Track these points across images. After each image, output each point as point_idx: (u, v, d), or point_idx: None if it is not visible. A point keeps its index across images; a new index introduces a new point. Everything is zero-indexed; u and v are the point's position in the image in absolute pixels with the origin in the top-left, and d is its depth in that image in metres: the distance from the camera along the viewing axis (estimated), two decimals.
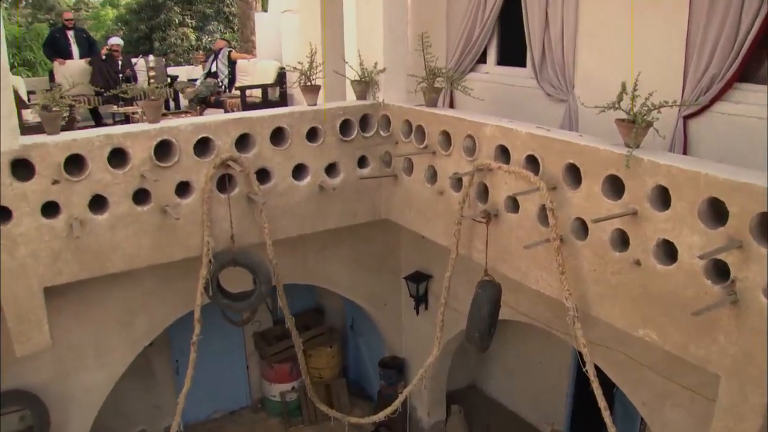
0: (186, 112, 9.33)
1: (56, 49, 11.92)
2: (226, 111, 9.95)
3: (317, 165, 5.70)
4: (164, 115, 8.89)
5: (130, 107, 10.59)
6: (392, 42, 5.89)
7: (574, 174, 4.15)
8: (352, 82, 6.01)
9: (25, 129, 6.32)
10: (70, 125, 8.68)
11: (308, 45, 6.00)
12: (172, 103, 11.98)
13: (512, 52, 6.73)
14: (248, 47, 14.73)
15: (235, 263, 5.44)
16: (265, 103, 9.57)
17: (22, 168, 4.59)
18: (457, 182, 5.09)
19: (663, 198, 3.64)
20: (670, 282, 3.65)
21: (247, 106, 9.54)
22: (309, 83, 5.76)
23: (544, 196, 4.18)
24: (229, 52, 11.29)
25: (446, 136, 5.20)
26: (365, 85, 5.95)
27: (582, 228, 4.16)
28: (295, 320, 6.25)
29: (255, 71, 10.60)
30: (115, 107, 10.31)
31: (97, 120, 11.63)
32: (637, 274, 3.82)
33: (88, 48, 12.04)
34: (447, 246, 5.30)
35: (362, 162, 5.96)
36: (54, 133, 4.78)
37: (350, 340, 9.14)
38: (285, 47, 10.41)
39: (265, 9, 14.41)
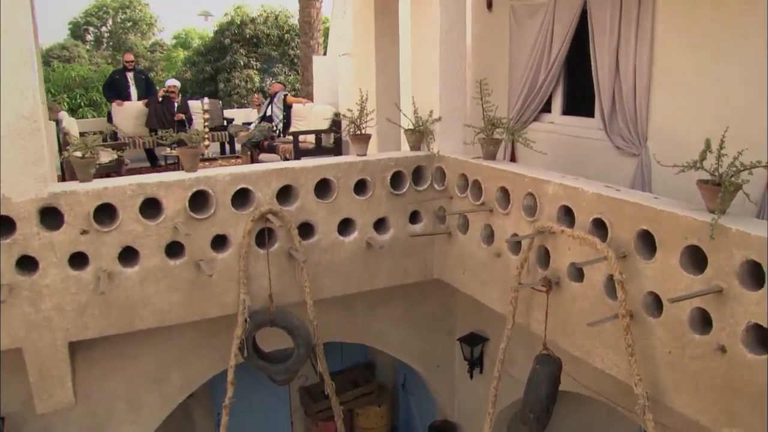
0: (237, 157, 9.17)
1: (115, 90, 12.09)
2: (281, 157, 9.83)
3: (365, 220, 5.41)
4: (211, 160, 8.81)
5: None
6: (449, 89, 5.61)
7: (647, 242, 3.72)
8: (406, 131, 5.74)
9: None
10: (118, 167, 8.66)
11: (361, 90, 5.77)
12: (227, 147, 11.98)
13: (579, 101, 6.38)
14: (309, 91, 14.71)
15: (273, 324, 5.15)
16: (319, 149, 9.38)
17: (50, 216, 4.45)
18: (516, 245, 4.71)
19: (755, 275, 3.18)
20: (762, 374, 3.16)
21: (299, 152, 9.36)
22: (359, 132, 5.49)
23: (612, 266, 3.76)
24: (285, 96, 11.20)
25: (505, 193, 4.84)
26: (419, 134, 5.66)
27: (656, 304, 3.71)
28: (344, 376, 5.96)
29: (310, 116, 10.46)
30: (168, 149, 10.28)
31: (153, 161, 11.70)
32: (722, 361, 3.35)
33: (146, 89, 12.17)
34: (503, 313, 4.90)
35: (414, 217, 5.65)
36: (86, 180, 4.62)
37: (401, 400, 8.78)
38: (341, 92, 10.26)
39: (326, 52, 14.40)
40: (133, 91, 12.06)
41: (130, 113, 11.70)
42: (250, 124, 11.53)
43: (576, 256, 4.14)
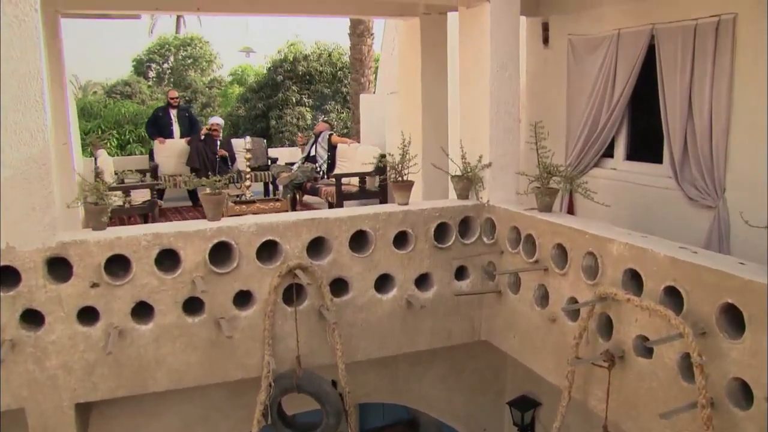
0: (276, 200, 8.87)
1: (158, 127, 12.03)
2: (324, 199, 9.53)
3: (405, 276, 5.00)
4: (249, 203, 8.51)
5: (224, 190, 10.31)
6: (500, 132, 5.19)
7: (733, 317, 3.19)
8: (453, 177, 5.32)
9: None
10: (151, 208, 8.44)
11: (405, 133, 5.40)
12: (271, 188, 11.74)
13: (645, 145, 5.91)
14: (359, 129, 14.50)
15: (300, 389, 4.75)
16: (363, 193, 9.03)
17: (58, 267, 4.18)
18: (574, 311, 4.20)
19: None
20: None
21: (342, 195, 9.03)
22: (400, 178, 5.10)
23: (689, 345, 3.23)
24: (330, 135, 10.93)
25: (562, 251, 4.36)
26: (467, 182, 5.25)
27: (744, 393, 3.16)
28: None
29: (355, 157, 10.15)
30: (207, 190, 10.02)
31: (194, 200, 11.52)
32: None
33: (189, 127, 12.06)
34: (558, 385, 4.38)
35: (460, 273, 5.21)
36: (98, 228, 4.33)
37: None
38: (388, 133, 9.93)
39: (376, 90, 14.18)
40: (176, 129, 11.97)
41: (171, 151, 11.60)
42: (293, 164, 11.28)
43: (644, 329, 3.63)
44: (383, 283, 4.99)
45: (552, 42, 6.87)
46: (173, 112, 12.09)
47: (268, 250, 4.63)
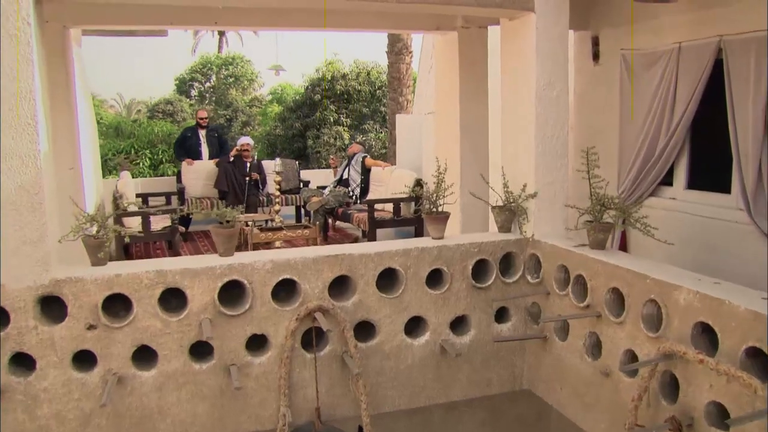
0: (305, 227, 8.47)
1: (186, 148, 11.80)
2: (356, 226, 9.11)
3: (439, 319, 4.56)
4: (276, 230, 8.13)
5: (253, 214, 10.00)
6: (547, 157, 4.74)
7: None
8: (493, 208, 4.86)
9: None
10: (172, 235, 8.11)
11: (441, 157, 4.98)
12: (302, 212, 11.40)
13: (710, 173, 5.40)
14: (395, 151, 14.12)
15: None
16: (397, 220, 8.61)
17: (51, 306, 3.86)
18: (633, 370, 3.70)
19: None
20: None
21: (375, 222, 8.61)
22: (435, 210, 4.65)
23: None
24: (364, 157, 10.53)
25: (618, 296, 3.86)
26: (510, 213, 4.79)
27: None
28: None
29: (390, 181, 9.73)
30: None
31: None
32: None
33: (219, 148, 11.79)
34: None
35: (501, 316, 4.77)
36: (98, 264, 3.98)
37: None
38: (425, 155, 9.51)
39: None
40: (205, 150, 11.75)
41: (199, 173, 11.36)
42: (325, 187, 10.91)
43: (720, 395, 3.11)
44: (414, 326, 4.58)
45: (603, 58, 6.40)
46: (202, 133, 11.86)
47: (285, 289, 4.25)
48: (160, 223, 8.04)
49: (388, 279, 4.44)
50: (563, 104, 4.76)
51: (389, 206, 9.11)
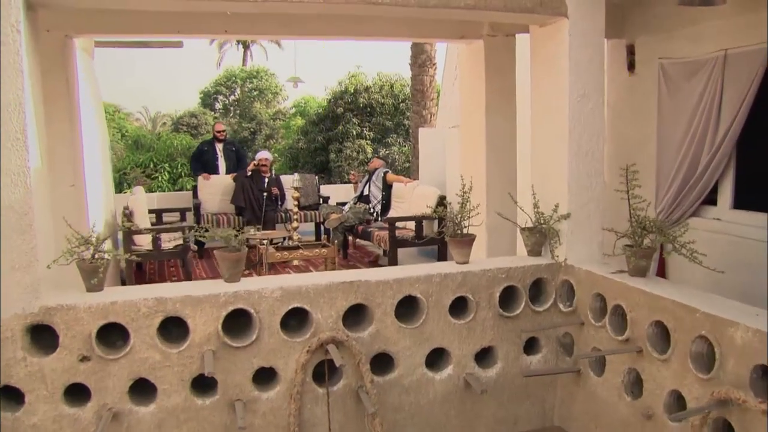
0: (323, 245, 8.18)
1: (202, 162, 11.59)
2: (376, 244, 8.81)
3: (464, 350, 4.26)
4: (292, 249, 7.85)
5: (271, 231, 9.73)
6: (581, 175, 4.43)
7: None
8: (522, 230, 4.55)
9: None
10: (183, 253, 7.87)
11: (466, 174, 4.68)
12: (322, 229, 11.12)
13: (759, 191, 5.05)
14: (416, 165, 13.84)
15: None
16: (419, 239, 8.30)
17: (42, 336, 3.61)
18: (679, 408, 3.35)
19: None
20: None
21: (396, 241, 8.30)
22: (459, 233, 4.34)
23: None
24: (385, 173, 10.24)
25: (662, 330, 3.52)
26: (540, 236, 4.48)
27: None
28: None
29: (412, 198, 9.42)
30: (252, 230, 9.40)
31: None
32: None
33: (236, 162, 11.58)
34: None
35: (530, 347, 4.45)
36: (93, 290, 3.73)
37: None
38: (449, 171, 9.19)
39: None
40: (222, 164, 11.54)
41: (216, 188, 11.13)
42: (345, 204, 10.63)
43: None
44: (436, 359, 4.27)
45: (639, 67, 6.07)
46: (219, 146, 11.65)
47: (296, 318, 3.97)
48: (171, 241, 7.79)
49: (408, 307, 4.15)
50: (599, 117, 4.45)
51: (411, 224, 8.80)
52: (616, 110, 6.33)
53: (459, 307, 4.23)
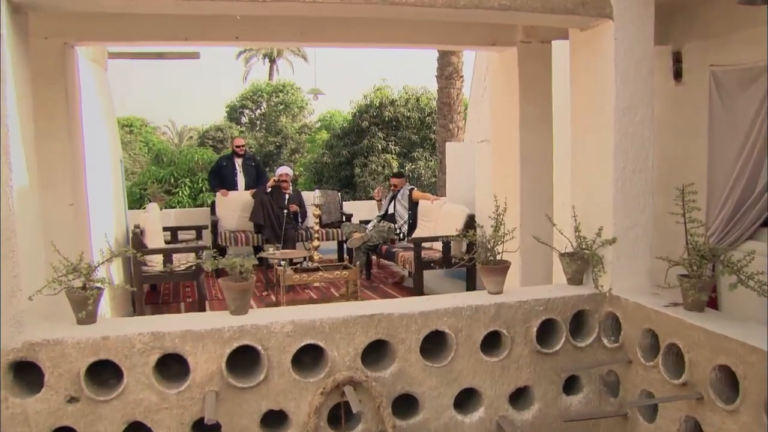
0: (345, 267, 7.81)
1: (221, 178, 11.38)
2: (400, 266, 8.43)
3: (497, 391, 3.89)
4: (311, 271, 7.49)
5: (291, 250, 9.39)
6: (628, 196, 4.05)
7: None
8: (562, 256, 4.18)
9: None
10: (196, 275, 7.55)
11: (499, 193, 4.31)
12: (345, 247, 10.78)
13: None
14: (445, 181, 13.50)
15: None
16: (447, 261, 7.91)
17: (26, 374, 3.32)
18: None
19: None
20: None
21: (421, 263, 7.91)
22: (491, 259, 3.96)
23: None
24: (411, 190, 9.87)
25: (729, 375, 3.12)
26: (582, 263, 4.10)
27: None
28: None
29: (439, 217, 9.05)
30: (271, 249, 9.07)
31: (261, 261, 10.59)
32: None
33: (256, 178, 11.31)
34: None
35: (571, 386, 4.07)
36: (83, 322, 3.42)
37: None
38: (478, 187, 8.80)
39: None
40: (241, 180, 11.32)
41: (235, 204, 10.89)
42: (369, 222, 10.27)
43: None
44: (466, 400, 3.91)
45: (687, 76, 5.70)
46: (238, 162, 11.43)
47: (309, 354, 3.63)
48: (183, 261, 7.48)
49: (434, 343, 3.80)
50: (647, 131, 4.08)
51: (437, 244, 8.43)
52: (661, 123, 5.91)
53: (492, 342, 3.87)
